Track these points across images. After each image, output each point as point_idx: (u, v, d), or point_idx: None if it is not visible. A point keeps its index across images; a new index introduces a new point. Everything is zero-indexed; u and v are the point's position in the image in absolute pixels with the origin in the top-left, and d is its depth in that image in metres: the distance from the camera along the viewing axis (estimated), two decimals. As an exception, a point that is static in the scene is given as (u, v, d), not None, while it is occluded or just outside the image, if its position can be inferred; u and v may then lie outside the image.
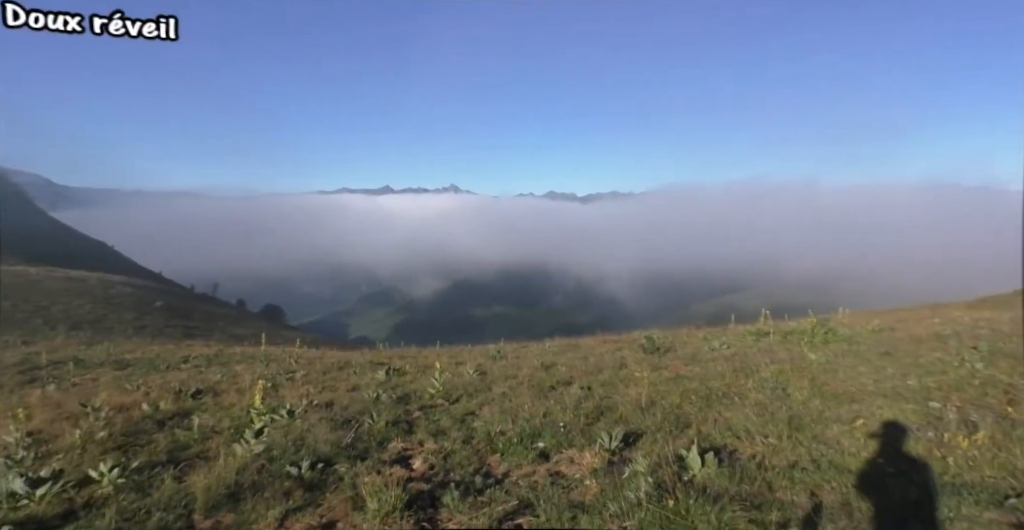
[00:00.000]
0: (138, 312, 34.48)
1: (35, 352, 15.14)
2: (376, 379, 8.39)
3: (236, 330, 36.84)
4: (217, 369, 11.23)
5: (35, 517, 3.09)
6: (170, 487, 3.50)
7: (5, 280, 33.76)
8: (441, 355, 13.14)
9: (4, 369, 11.47)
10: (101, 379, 10.17)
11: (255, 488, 3.49)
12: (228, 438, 4.75)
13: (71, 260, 57.98)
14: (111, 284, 41.97)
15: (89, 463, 3.95)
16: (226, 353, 16.58)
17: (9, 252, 54.74)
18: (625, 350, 10.21)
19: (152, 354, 15.66)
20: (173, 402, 6.64)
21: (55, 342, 18.93)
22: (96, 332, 24.94)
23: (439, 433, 4.83)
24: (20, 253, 56.05)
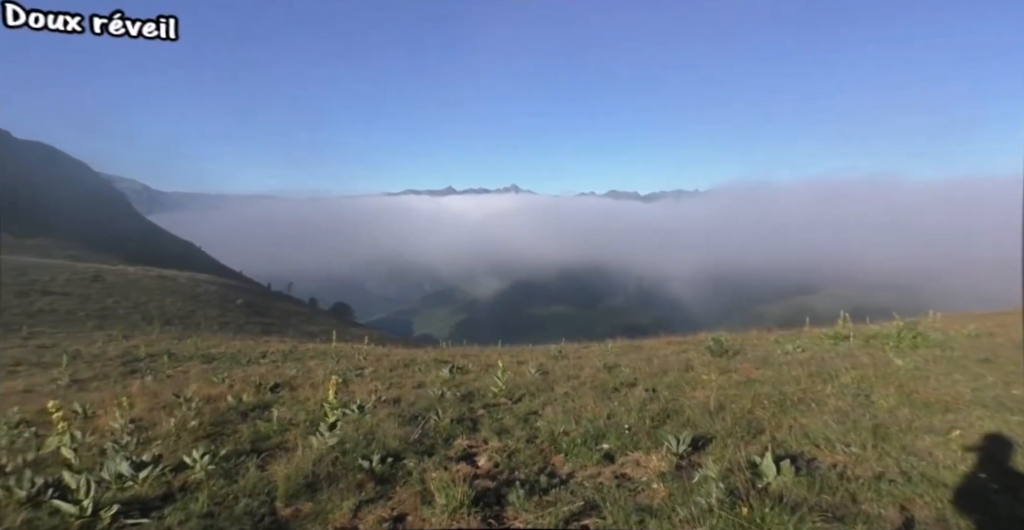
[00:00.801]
0: (222, 309, 36.88)
1: (134, 345, 16.52)
2: (440, 377, 8.58)
3: (308, 327, 38.68)
4: (292, 364, 11.82)
5: (139, 497, 3.36)
6: (254, 475, 3.72)
7: (109, 279, 37.02)
8: (503, 354, 13.26)
9: (109, 361, 12.58)
10: (191, 372, 10.96)
11: (330, 479, 3.65)
12: (304, 430, 4.98)
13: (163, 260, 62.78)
14: (198, 283, 45.09)
15: (183, 450, 4.26)
16: (300, 349, 17.43)
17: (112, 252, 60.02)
18: (690, 352, 9.93)
19: (234, 349, 16.69)
20: (254, 395, 7.04)
21: (151, 336, 20.56)
22: (186, 327, 26.89)
23: (503, 431, 4.87)
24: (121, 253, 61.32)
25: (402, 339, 44.60)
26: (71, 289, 32.24)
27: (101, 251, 59.87)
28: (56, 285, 32.45)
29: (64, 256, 50.22)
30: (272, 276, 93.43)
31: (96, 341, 17.83)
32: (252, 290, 58.35)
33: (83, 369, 11.22)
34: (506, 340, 18.81)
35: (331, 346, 17.75)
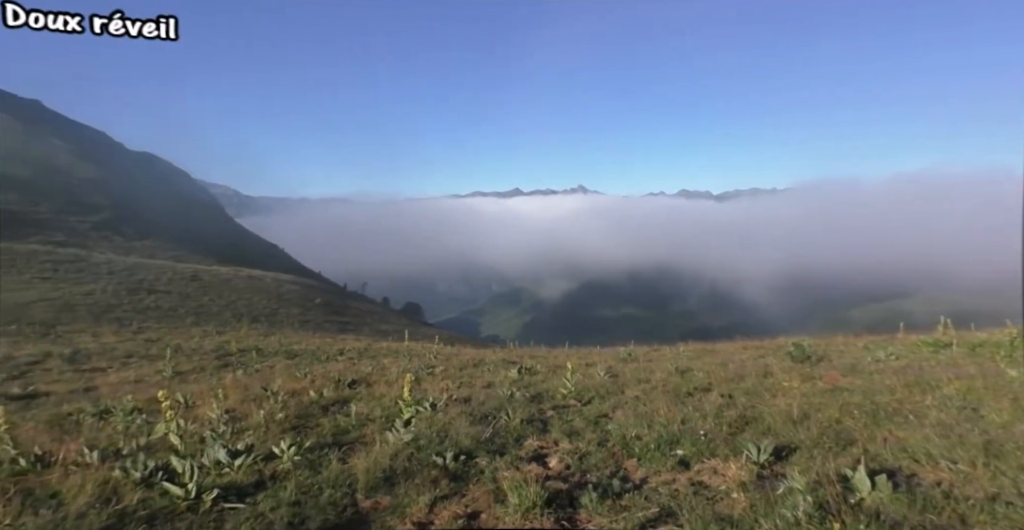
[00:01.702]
0: (302, 308, 38.98)
1: (226, 341, 17.77)
2: (509, 377, 8.64)
3: (381, 326, 40.13)
4: (368, 362, 12.30)
5: (234, 484, 3.62)
6: (336, 467, 3.90)
7: (205, 278, 40.07)
8: (570, 356, 13.19)
9: (205, 355, 13.61)
10: (276, 367, 11.66)
11: (407, 474, 3.77)
12: (380, 426, 5.17)
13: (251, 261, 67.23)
14: (282, 283, 47.90)
15: (272, 440, 4.53)
16: (374, 347, 18.11)
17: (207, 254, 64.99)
18: (769, 357, 9.46)
19: (314, 346, 17.58)
20: (333, 390, 7.38)
21: (240, 333, 22.04)
22: (271, 325, 28.64)
23: (573, 433, 4.85)
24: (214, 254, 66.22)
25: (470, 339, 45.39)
26: (172, 288, 35.16)
27: (198, 252, 65.03)
28: (160, 284, 35.50)
29: (167, 257, 54.90)
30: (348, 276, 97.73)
31: (194, 336, 19.36)
32: (330, 290, 61.30)
33: (183, 362, 12.21)
34: (572, 342, 18.70)
35: (403, 345, 18.34)
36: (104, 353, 13.36)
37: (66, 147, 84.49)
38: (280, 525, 3.06)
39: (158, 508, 3.23)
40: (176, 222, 78.54)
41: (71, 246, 48.01)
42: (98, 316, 23.90)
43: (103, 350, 14.01)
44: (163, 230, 70.71)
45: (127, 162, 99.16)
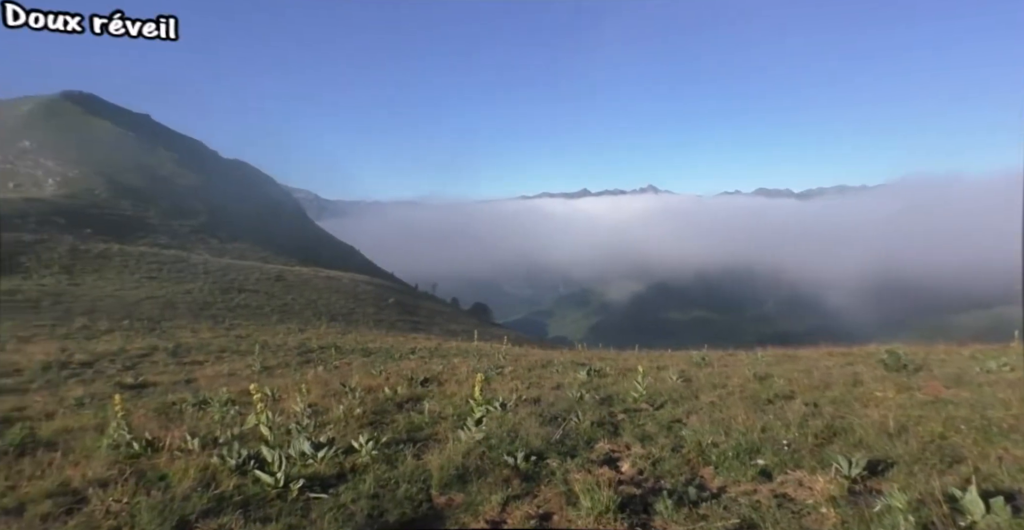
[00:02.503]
0: (377, 307, 40.53)
1: (307, 338, 18.77)
2: (578, 379, 8.57)
3: (451, 326, 41.00)
4: (438, 361, 12.59)
5: (317, 475, 3.81)
6: (411, 463, 4.02)
7: (288, 279, 42.56)
8: (640, 358, 12.91)
9: (288, 351, 14.44)
10: (353, 364, 12.18)
11: (479, 472, 3.82)
12: (452, 424, 5.27)
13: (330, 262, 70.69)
14: (357, 283, 50.00)
15: (351, 434, 4.74)
16: (444, 347, 18.52)
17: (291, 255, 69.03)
18: (859, 365, 8.83)
19: (387, 344, 18.22)
20: (407, 388, 7.61)
21: (320, 330, 23.21)
22: (347, 323, 29.98)
23: (645, 438, 4.74)
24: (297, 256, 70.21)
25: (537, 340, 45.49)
26: (260, 287, 37.59)
27: (282, 254, 69.25)
28: (249, 283, 38.05)
29: (255, 258, 58.83)
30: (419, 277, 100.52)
31: (279, 333, 20.60)
32: (402, 290, 63.35)
33: (270, 357, 13.02)
34: (642, 344, 18.31)
35: (472, 344, 18.64)
36: (201, 348, 14.47)
37: (170, 157, 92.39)
38: (361, 517, 3.19)
39: (251, 494, 3.45)
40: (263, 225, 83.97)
41: (173, 248, 52.44)
42: (196, 313, 25.95)
43: (200, 345, 15.19)
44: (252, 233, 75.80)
45: (221, 170, 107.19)
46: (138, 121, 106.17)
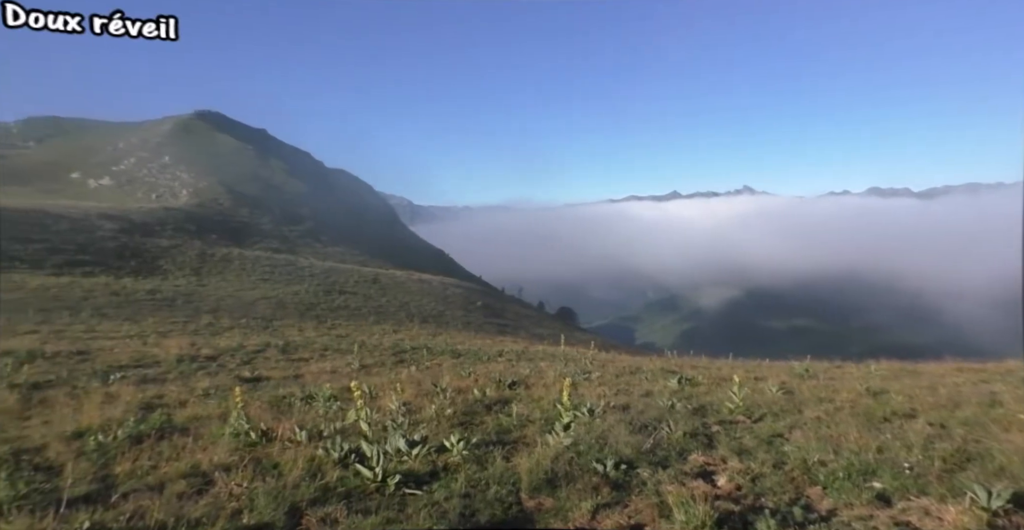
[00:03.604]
0: (465, 310, 41.62)
1: (401, 338, 19.64)
2: (668, 387, 8.31)
3: (537, 329, 41.20)
4: (525, 364, 12.68)
5: (412, 471, 3.98)
6: (500, 465, 4.09)
7: (384, 281, 44.83)
8: (736, 368, 12.30)
9: (384, 351, 15.16)
10: (443, 364, 12.56)
11: (568, 478, 3.82)
12: (540, 428, 5.29)
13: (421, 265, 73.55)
14: (447, 286, 51.62)
15: (442, 434, 4.90)
16: (531, 350, 18.62)
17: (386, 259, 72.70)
18: (996, 383, 7.84)
19: (476, 347, 18.61)
20: (495, 390, 7.74)
21: (412, 331, 24.21)
22: (438, 325, 31.02)
23: (743, 452, 4.50)
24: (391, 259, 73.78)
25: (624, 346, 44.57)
26: (358, 289, 39.88)
27: (378, 257, 73.11)
28: (348, 286, 40.50)
29: (354, 261, 62.58)
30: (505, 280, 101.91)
31: (375, 333, 21.72)
32: (489, 293, 64.61)
33: (367, 356, 13.74)
34: (736, 353, 17.43)
35: (559, 349, 18.60)
36: (307, 345, 15.57)
37: (282, 167, 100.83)
38: (453, 515, 3.29)
39: (352, 487, 3.67)
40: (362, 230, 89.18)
41: (284, 252, 56.99)
42: (302, 313, 28.01)
43: (306, 343, 16.34)
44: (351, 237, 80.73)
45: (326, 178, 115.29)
46: (256, 135, 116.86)
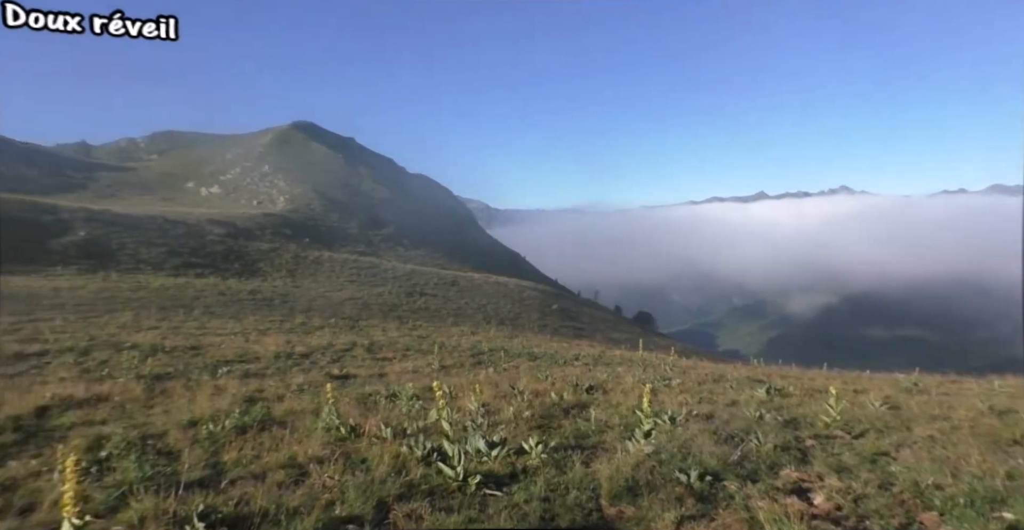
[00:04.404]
0: (541, 313, 41.67)
1: (478, 340, 19.97)
2: (756, 397, 7.90)
3: (613, 334, 40.50)
4: (602, 369, 12.50)
5: (492, 472, 4.02)
6: (580, 470, 4.05)
7: (462, 284, 45.87)
8: (831, 379, 11.49)
9: (462, 352, 15.50)
10: (520, 367, 12.65)
11: (649, 487, 3.72)
12: (619, 434, 5.19)
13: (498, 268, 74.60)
14: (523, 288, 51.96)
15: (521, 436, 4.92)
16: (607, 355, 18.34)
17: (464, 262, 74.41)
18: None
19: (552, 350, 18.58)
20: (572, 394, 7.67)
21: (489, 333, 24.55)
22: (514, 327, 31.27)
23: (842, 470, 4.19)
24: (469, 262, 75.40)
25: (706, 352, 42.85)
26: (437, 291, 41.04)
27: (456, 260, 74.98)
28: (428, 288, 41.79)
29: (434, 264, 64.54)
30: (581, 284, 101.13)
31: (453, 335, 22.23)
32: (565, 296, 64.35)
33: (446, 357, 14.10)
34: (831, 363, 16.29)
35: (637, 354, 18.19)
36: (390, 345, 16.22)
37: (368, 173, 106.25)
38: (533, 518, 3.30)
39: (435, 485, 3.77)
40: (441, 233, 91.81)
41: (369, 255, 59.77)
42: (386, 314, 29.22)
43: (389, 342, 17.03)
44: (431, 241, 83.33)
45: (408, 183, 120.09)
46: (345, 143, 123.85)
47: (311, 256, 48.02)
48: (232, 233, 49.54)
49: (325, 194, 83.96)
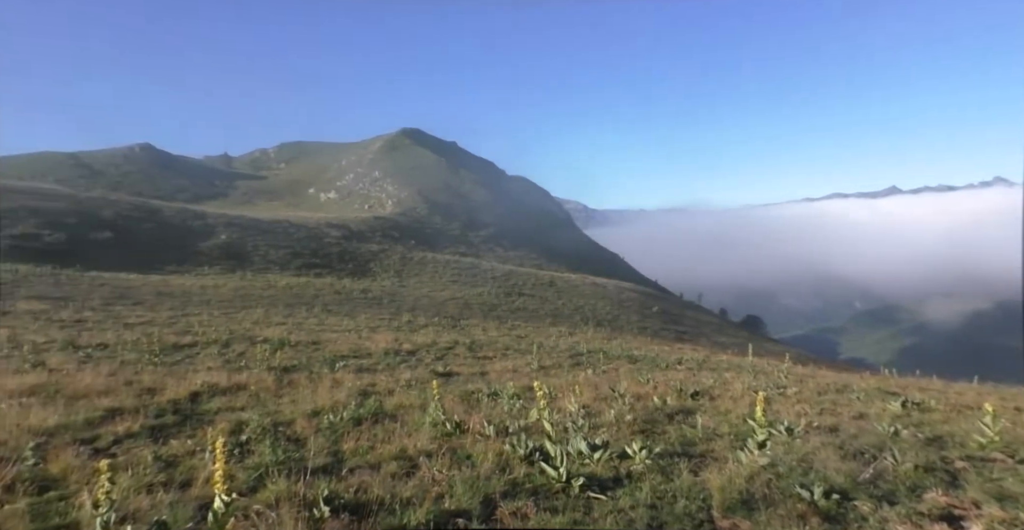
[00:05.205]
0: (641, 315, 40.58)
1: (576, 341, 19.85)
2: (889, 411, 7.12)
3: (719, 338, 38.52)
4: (708, 374, 11.91)
5: (595, 475, 3.95)
6: (688, 479, 3.87)
7: (559, 284, 45.89)
8: (985, 394, 10.13)
9: (560, 353, 15.48)
10: (620, 369, 12.38)
11: (767, 501, 3.46)
12: (729, 443, 4.91)
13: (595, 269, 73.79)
14: (622, 290, 50.94)
15: (623, 440, 4.80)
16: (713, 359, 17.47)
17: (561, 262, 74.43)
18: None
19: (652, 353, 18.02)
20: (676, 399, 7.38)
21: (587, 334, 24.31)
22: (612, 329, 30.72)
23: (1005, 497, 3.64)
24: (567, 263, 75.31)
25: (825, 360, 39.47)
26: (535, 292, 41.36)
27: (554, 261, 75.18)
28: (526, 288, 42.23)
29: (531, 265, 65.21)
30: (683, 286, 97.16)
31: (551, 335, 22.27)
32: (666, 298, 62.22)
33: (545, 357, 14.15)
34: (981, 376, 14.33)
35: (746, 359, 17.13)
36: (490, 344, 16.58)
37: (470, 177, 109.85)
38: (640, 524, 3.19)
39: (538, 484, 3.77)
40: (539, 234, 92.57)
41: (469, 256, 61.69)
42: (485, 313, 29.93)
43: (489, 342, 17.42)
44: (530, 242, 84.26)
45: (507, 185, 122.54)
46: (448, 148, 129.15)
47: (416, 257, 50.44)
48: (346, 236, 53.32)
49: (429, 197, 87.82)
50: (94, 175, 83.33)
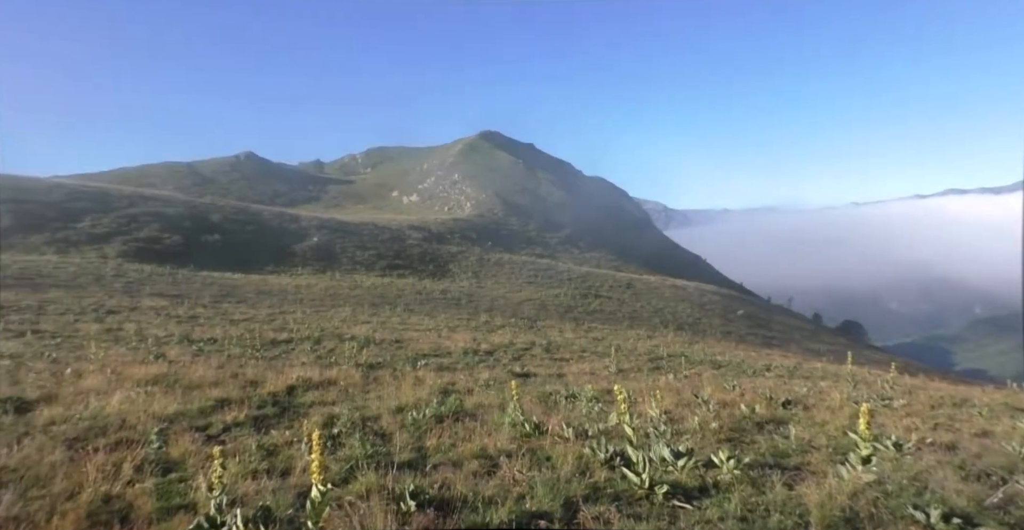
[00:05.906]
0: (724, 318, 38.82)
1: (656, 345, 19.30)
2: (1020, 429, 6.34)
3: (812, 344, 36.12)
4: (800, 382, 11.18)
5: (678, 483, 3.81)
6: (781, 492, 3.64)
7: (637, 286, 44.83)
8: None
9: (639, 356, 15.12)
10: (703, 375, 11.89)
11: (873, 521, 3.19)
12: (827, 457, 4.59)
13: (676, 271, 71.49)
14: (704, 292, 48.98)
15: (708, 448, 4.60)
16: (806, 367, 16.43)
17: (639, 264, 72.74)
18: None
19: (738, 358, 17.17)
20: (765, 408, 6.97)
21: (667, 338, 23.58)
22: (694, 333, 29.60)
23: None
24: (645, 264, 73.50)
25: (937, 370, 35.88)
26: (612, 294, 40.67)
27: (632, 262, 73.58)
28: (603, 290, 41.63)
29: (608, 266, 64.19)
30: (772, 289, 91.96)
31: (629, 338, 21.81)
32: (752, 302, 59.07)
33: (623, 360, 13.87)
34: None
35: (844, 368, 15.92)
36: (567, 346, 16.49)
37: (547, 178, 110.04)
38: (730, 537, 3.05)
39: (620, 490, 3.68)
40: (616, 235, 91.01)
41: (546, 257, 61.73)
42: (562, 315, 29.83)
43: (566, 343, 17.32)
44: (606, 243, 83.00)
45: (584, 186, 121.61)
46: (524, 150, 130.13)
47: (493, 258, 51.13)
48: (427, 237, 55.04)
49: (506, 199, 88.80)
50: (206, 182, 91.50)
